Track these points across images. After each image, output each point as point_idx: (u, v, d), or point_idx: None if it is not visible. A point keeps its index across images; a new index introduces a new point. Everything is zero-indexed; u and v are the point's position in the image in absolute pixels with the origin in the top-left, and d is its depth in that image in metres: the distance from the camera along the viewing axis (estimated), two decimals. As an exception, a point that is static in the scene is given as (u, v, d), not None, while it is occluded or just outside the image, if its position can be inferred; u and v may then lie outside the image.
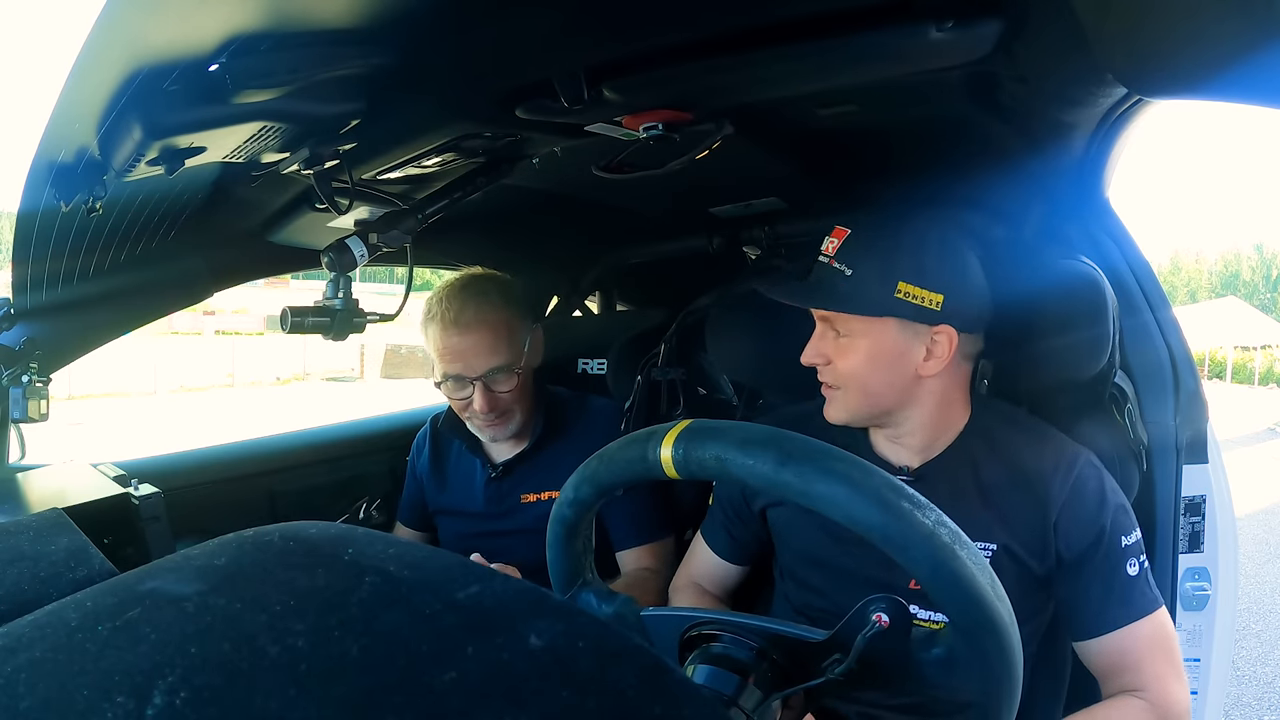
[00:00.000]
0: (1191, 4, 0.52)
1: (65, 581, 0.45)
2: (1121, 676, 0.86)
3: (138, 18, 0.57)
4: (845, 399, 0.92)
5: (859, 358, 0.89)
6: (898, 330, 0.87)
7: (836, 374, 0.91)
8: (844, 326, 0.89)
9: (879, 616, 0.52)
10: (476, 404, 1.22)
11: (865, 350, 0.88)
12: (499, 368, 1.22)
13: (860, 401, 0.91)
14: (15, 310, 1.14)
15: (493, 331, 1.22)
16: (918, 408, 0.91)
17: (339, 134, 0.84)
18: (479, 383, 1.22)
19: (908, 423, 0.92)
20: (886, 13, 0.66)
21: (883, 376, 0.89)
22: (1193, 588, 1.07)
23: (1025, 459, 0.90)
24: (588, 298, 1.98)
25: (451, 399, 1.26)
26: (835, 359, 0.90)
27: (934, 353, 0.88)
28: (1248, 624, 3.48)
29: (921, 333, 0.88)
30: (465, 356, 1.21)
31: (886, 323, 0.87)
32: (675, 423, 0.55)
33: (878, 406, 0.91)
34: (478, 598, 0.30)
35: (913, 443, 0.93)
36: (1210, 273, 70.66)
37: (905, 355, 0.88)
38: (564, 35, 0.72)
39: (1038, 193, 1.11)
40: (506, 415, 1.26)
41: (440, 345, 1.22)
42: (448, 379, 1.23)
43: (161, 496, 0.84)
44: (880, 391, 0.90)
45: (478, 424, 1.27)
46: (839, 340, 0.90)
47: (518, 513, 1.30)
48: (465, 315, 1.21)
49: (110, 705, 0.25)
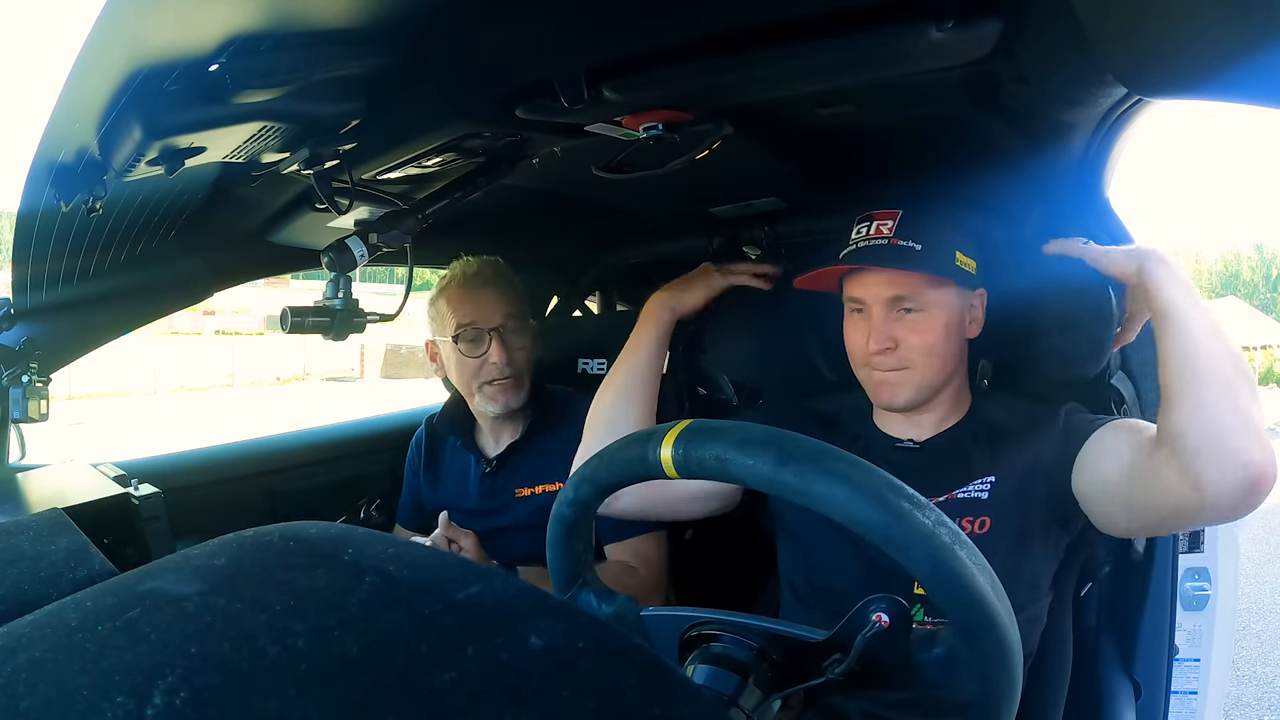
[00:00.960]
0: (1191, 4, 0.52)
1: (65, 581, 0.45)
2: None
3: (138, 18, 0.57)
4: (916, 377, 0.92)
5: (937, 330, 0.91)
6: (957, 297, 0.92)
7: (908, 353, 0.92)
8: (918, 300, 0.91)
9: (879, 616, 0.52)
10: (494, 355, 1.23)
11: (942, 321, 0.91)
12: (514, 316, 1.26)
13: (933, 375, 0.93)
14: (15, 310, 1.14)
15: (508, 287, 1.28)
16: (954, 380, 0.96)
17: (339, 134, 0.84)
18: (495, 334, 1.24)
19: (940, 395, 0.96)
20: (886, 13, 0.66)
21: (952, 345, 0.93)
22: (1193, 588, 1.07)
23: (1022, 425, 0.93)
24: (588, 298, 1.98)
25: (468, 357, 1.25)
26: (908, 336, 0.91)
27: (974, 316, 0.95)
28: (1248, 624, 3.48)
29: (968, 297, 0.94)
30: (483, 305, 1.24)
31: (951, 290, 0.92)
32: (675, 423, 0.55)
33: (940, 378, 0.94)
34: (478, 598, 0.30)
35: (926, 418, 0.97)
36: (1210, 273, 70.61)
37: (963, 320, 0.94)
38: (564, 35, 0.72)
39: (1038, 193, 1.10)
40: (519, 379, 1.27)
41: (457, 300, 1.25)
42: (464, 329, 1.24)
43: (161, 496, 0.84)
44: (945, 362, 0.93)
45: (490, 390, 1.26)
46: (908, 317, 0.91)
47: (512, 507, 1.30)
48: (484, 271, 1.27)
49: (110, 705, 0.25)
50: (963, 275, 0.91)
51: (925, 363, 0.92)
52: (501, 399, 1.27)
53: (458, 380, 1.30)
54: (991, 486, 0.90)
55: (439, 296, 1.28)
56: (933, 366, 0.92)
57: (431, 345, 1.34)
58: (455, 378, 1.30)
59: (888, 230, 0.91)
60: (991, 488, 0.90)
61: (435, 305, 1.29)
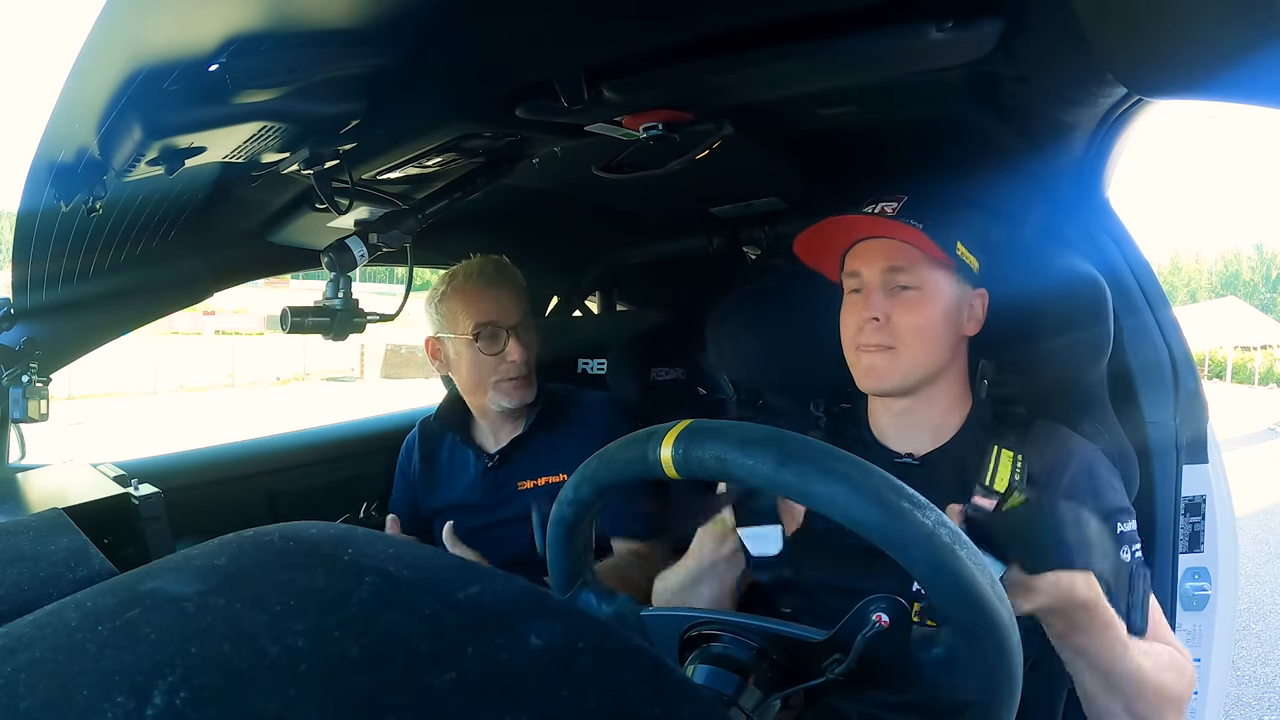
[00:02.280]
0: (1191, 4, 0.52)
1: (65, 581, 0.45)
2: None
3: (138, 18, 0.57)
4: (900, 359, 0.90)
5: (929, 310, 0.89)
6: (956, 286, 0.90)
7: (897, 331, 0.89)
8: (915, 276, 0.89)
9: (879, 616, 0.52)
10: (514, 354, 1.25)
11: (939, 305, 0.89)
12: (527, 314, 1.30)
13: (917, 360, 0.90)
14: (15, 310, 1.15)
15: (519, 288, 1.31)
16: (947, 379, 0.93)
17: (339, 134, 0.84)
18: (513, 332, 1.26)
19: (933, 394, 0.92)
20: (886, 13, 0.66)
21: (942, 333, 0.90)
22: (1193, 588, 1.07)
23: (1031, 454, 0.89)
24: (588, 298, 1.98)
25: (485, 355, 1.26)
26: (901, 314, 0.89)
27: (973, 314, 0.92)
28: (1248, 624, 3.48)
29: (968, 293, 0.91)
30: (501, 303, 1.26)
31: (950, 276, 0.90)
32: (675, 423, 0.55)
33: (928, 367, 0.91)
34: (478, 598, 0.30)
35: (923, 423, 0.93)
36: (1210, 273, 70.66)
37: (959, 312, 0.91)
38: (564, 35, 0.72)
39: (1038, 193, 1.10)
40: (531, 376, 1.30)
41: (473, 300, 1.26)
42: (483, 328, 1.25)
43: (161, 496, 0.84)
44: (935, 349, 0.90)
45: (507, 386, 1.28)
46: (904, 295, 0.89)
47: (515, 500, 1.30)
48: (498, 270, 1.30)
49: (110, 705, 0.25)
50: (964, 265, 0.89)
51: (914, 344, 0.89)
52: (517, 394, 1.29)
53: (469, 377, 1.30)
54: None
55: (450, 294, 1.28)
56: (921, 350, 0.89)
57: (434, 342, 1.32)
58: (466, 374, 1.30)
59: (891, 210, 0.89)
60: None
61: (445, 303, 1.28)
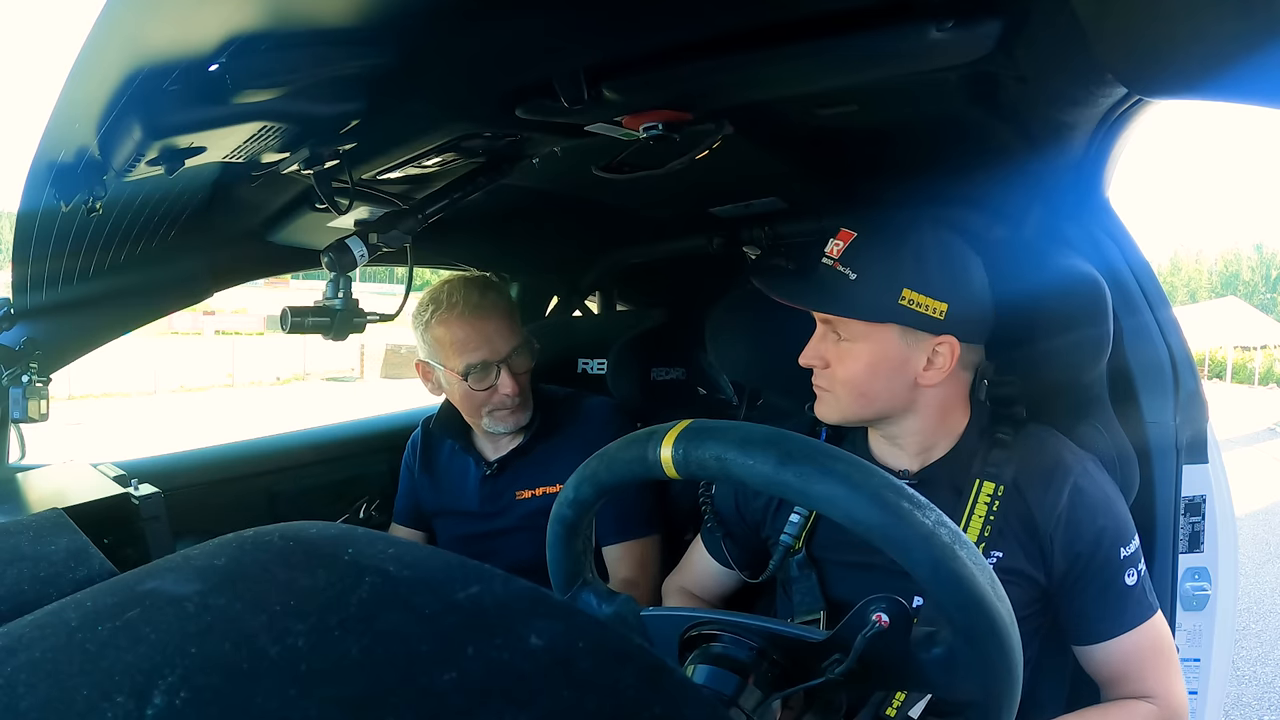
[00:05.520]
0: (1191, 4, 0.52)
1: (65, 581, 0.45)
2: (1125, 683, 0.86)
3: (138, 18, 0.57)
4: (837, 402, 0.91)
5: (859, 364, 0.87)
6: (900, 338, 0.86)
7: (833, 378, 0.90)
8: (846, 331, 0.88)
9: (879, 616, 0.52)
10: (506, 388, 1.22)
11: (866, 357, 0.87)
12: (519, 346, 1.24)
13: (853, 404, 0.90)
14: (15, 310, 1.14)
15: (508, 313, 1.25)
16: (915, 415, 0.91)
17: (339, 134, 0.84)
18: (504, 365, 1.22)
19: (903, 427, 0.92)
20: (886, 13, 0.66)
21: (882, 384, 0.88)
22: (1193, 588, 1.07)
23: (1023, 468, 0.89)
24: (588, 298, 1.98)
25: (476, 390, 1.22)
26: (834, 363, 0.89)
27: (935, 363, 0.87)
28: (1248, 624, 3.48)
29: (924, 341, 0.86)
30: (491, 339, 1.21)
31: (889, 330, 0.86)
32: (675, 423, 0.55)
33: (871, 411, 0.90)
34: (478, 598, 0.30)
35: (910, 446, 0.93)
36: (1210, 273, 70.61)
37: (906, 364, 0.87)
38: (564, 35, 0.72)
39: (1038, 193, 1.10)
40: (525, 400, 1.26)
41: (462, 334, 1.21)
42: (474, 368, 1.20)
43: (161, 496, 0.84)
44: (877, 397, 0.89)
45: (501, 414, 1.25)
46: (839, 345, 0.89)
47: (513, 510, 1.29)
48: (484, 300, 1.22)
49: (110, 705, 0.25)
50: (914, 316, 0.85)
51: (844, 394, 0.89)
52: (510, 420, 1.26)
53: (462, 407, 1.27)
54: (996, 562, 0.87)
55: (436, 324, 1.22)
56: (856, 400, 0.89)
57: (424, 366, 1.28)
58: (459, 404, 1.28)
59: (836, 253, 0.88)
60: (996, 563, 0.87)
61: (431, 331, 1.23)
